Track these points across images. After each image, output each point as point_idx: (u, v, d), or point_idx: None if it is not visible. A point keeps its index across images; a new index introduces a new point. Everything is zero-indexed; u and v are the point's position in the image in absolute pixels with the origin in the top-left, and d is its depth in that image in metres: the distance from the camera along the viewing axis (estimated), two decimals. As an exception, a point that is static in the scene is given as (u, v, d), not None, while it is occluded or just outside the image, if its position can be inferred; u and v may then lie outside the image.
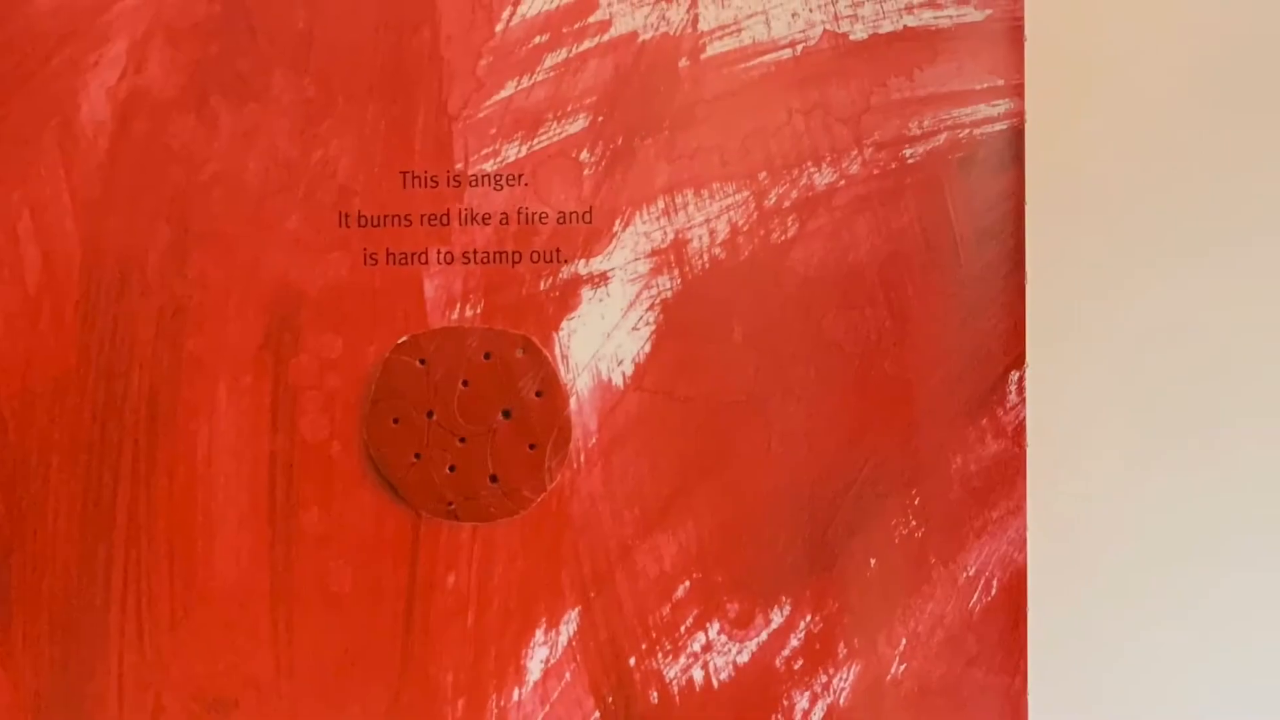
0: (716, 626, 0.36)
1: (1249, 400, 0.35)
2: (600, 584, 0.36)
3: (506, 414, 0.36)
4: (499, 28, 0.36)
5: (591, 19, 0.36)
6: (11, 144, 0.36)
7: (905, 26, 0.36)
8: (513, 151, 0.36)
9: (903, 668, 0.36)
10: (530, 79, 0.36)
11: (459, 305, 0.36)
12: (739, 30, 0.36)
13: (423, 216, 0.36)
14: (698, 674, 0.36)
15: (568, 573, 0.36)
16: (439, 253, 0.36)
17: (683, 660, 0.36)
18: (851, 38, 0.36)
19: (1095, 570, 0.35)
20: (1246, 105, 0.35)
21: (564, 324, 0.36)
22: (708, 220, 0.36)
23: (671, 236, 0.36)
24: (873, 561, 0.36)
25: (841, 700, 0.36)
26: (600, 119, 0.36)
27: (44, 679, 0.36)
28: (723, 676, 0.36)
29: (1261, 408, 0.35)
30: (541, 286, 0.36)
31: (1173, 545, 0.35)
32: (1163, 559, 0.35)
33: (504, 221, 0.36)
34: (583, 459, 0.36)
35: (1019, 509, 0.36)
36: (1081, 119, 0.35)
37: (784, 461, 0.36)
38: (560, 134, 0.36)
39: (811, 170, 0.36)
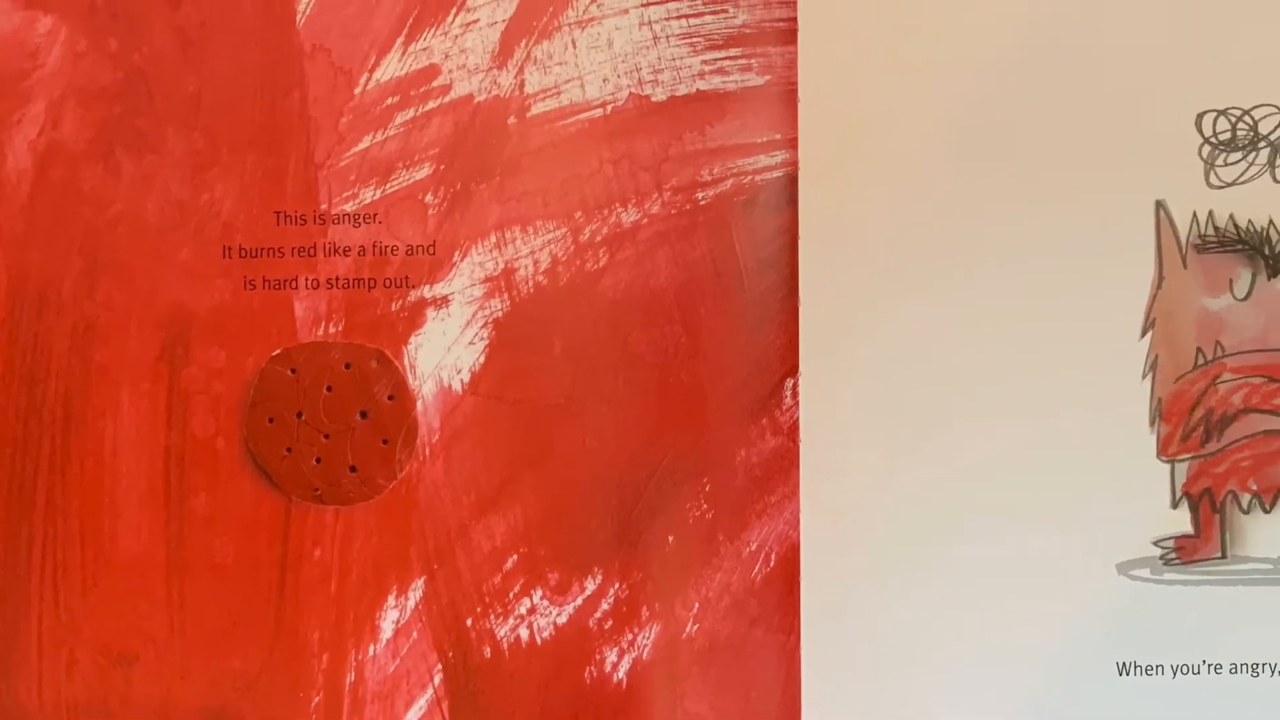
0: (540, 593, 0.40)
1: (983, 404, 0.40)
2: (442, 557, 0.40)
3: (364, 415, 0.40)
4: (357, 90, 0.40)
5: (434, 83, 0.40)
6: (-55, 189, 0.39)
7: (698, 90, 0.40)
8: (369, 195, 0.40)
9: (696, 627, 0.40)
10: (383, 134, 0.40)
11: (324, 323, 0.40)
12: (559, 93, 0.40)
13: (293, 249, 0.40)
14: (524, 633, 0.40)
15: (415, 548, 0.40)
16: (307, 279, 0.40)
17: (511, 621, 0.40)
18: (653, 99, 0.40)
19: (857, 546, 0.40)
20: (984, 159, 0.40)
21: (412, 339, 0.40)
22: (532, 252, 0.40)
23: (502, 266, 0.40)
24: (671, 539, 0.40)
25: (644, 655, 0.40)
26: (442, 167, 0.40)
27: (-27, 638, 0.40)
28: (545, 635, 0.40)
29: (992, 410, 0.40)
30: (393, 308, 0.40)
31: (922, 525, 0.39)
32: (913, 536, 0.39)
33: (361, 254, 0.40)
34: (428, 452, 0.40)
35: (793, 494, 0.40)
36: (846, 168, 0.40)
37: (596, 455, 0.40)
38: (409, 180, 0.40)
39: (619, 210, 0.40)
